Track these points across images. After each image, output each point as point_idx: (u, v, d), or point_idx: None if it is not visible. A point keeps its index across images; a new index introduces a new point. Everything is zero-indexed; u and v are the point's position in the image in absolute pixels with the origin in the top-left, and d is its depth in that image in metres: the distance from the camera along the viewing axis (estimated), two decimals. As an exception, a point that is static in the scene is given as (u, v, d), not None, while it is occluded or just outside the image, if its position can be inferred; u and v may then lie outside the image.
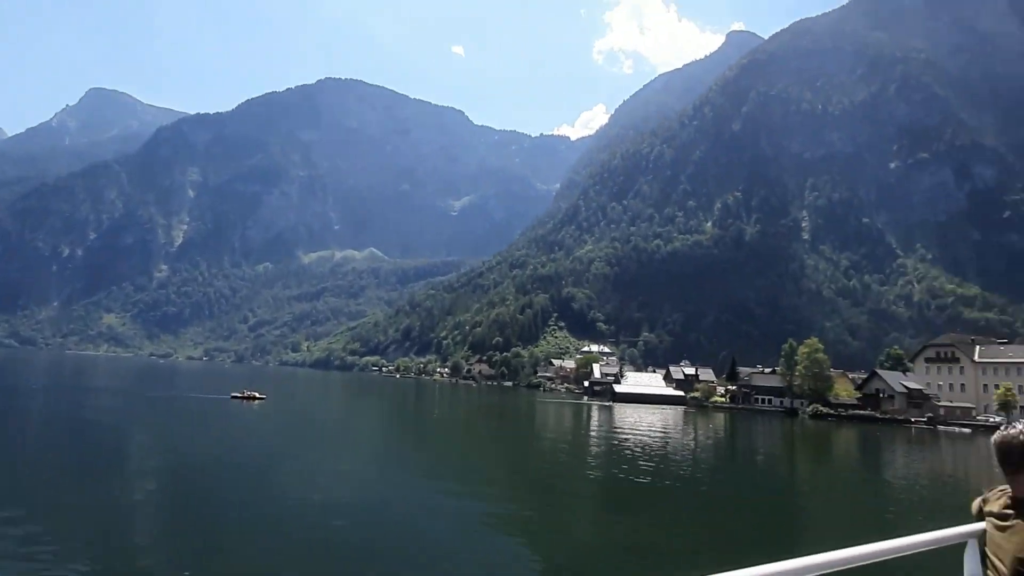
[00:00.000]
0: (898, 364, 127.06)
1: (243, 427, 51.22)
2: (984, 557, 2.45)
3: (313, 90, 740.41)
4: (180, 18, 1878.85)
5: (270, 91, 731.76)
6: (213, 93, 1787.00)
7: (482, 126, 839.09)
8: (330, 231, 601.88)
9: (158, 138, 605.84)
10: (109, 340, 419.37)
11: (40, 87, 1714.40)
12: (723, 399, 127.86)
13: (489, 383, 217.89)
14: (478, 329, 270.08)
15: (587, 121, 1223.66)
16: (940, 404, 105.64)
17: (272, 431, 51.58)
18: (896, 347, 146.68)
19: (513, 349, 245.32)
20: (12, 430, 41.49)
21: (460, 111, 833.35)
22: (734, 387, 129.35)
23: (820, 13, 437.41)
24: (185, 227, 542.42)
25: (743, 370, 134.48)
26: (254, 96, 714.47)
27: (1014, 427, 2.35)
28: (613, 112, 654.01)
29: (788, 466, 50.82)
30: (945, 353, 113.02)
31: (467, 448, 50.16)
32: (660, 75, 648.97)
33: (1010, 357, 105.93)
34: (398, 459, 39.82)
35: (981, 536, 2.53)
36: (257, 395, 73.36)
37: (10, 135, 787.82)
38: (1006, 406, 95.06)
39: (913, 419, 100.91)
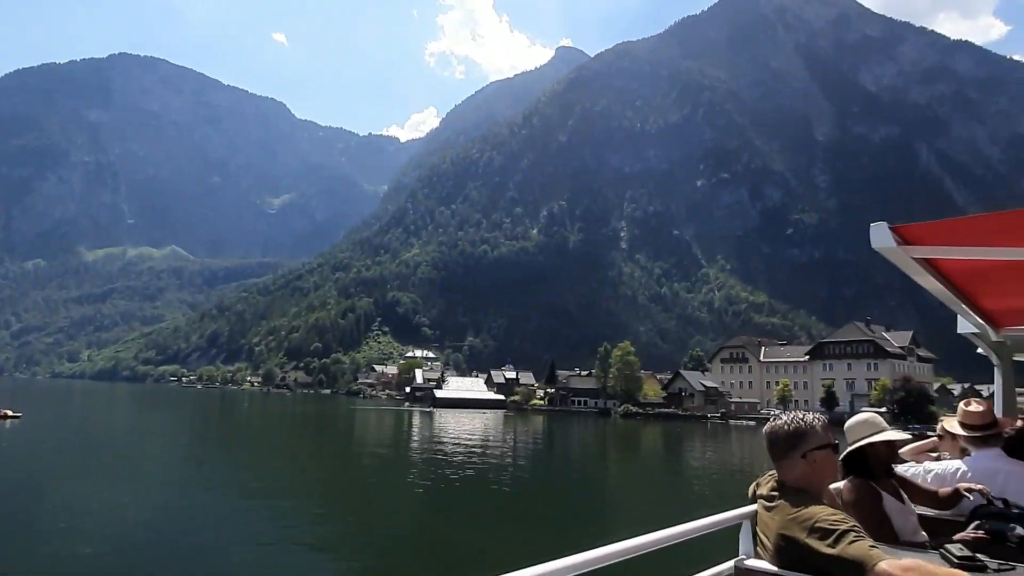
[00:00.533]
0: (699, 365, 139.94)
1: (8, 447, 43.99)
2: (755, 536, 2.70)
3: (103, 65, 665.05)
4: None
5: (49, 62, 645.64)
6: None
7: (306, 120, 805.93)
8: (121, 225, 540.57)
9: None
10: None
11: None
12: (542, 402, 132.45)
13: (305, 391, 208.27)
14: (295, 334, 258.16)
15: (418, 123, 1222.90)
16: (732, 400, 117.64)
17: (30, 455, 44.09)
18: (698, 349, 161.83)
19: (333, 355, 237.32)
20: None
21: (281, 103, 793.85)
22: (552, 390, 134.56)
23: (640, 38, 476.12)
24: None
25: (562, 373, 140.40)
26: (27, 66, 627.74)
27: (779, 418, 2.62)
28: (444, 116, 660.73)
29: (599, 462, 53.27)
30: (736, 354, 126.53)
31: (267, 461, 46.59)
32: (492, 82, 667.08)
33: (787, 357, 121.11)
34: (187, 480, 35.80)
35: (753, 517, 2.78)
36: (10, 413, 62.66)
37: None
38: (784, 400, 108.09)
39: (709, 415, 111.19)
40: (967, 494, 3.40)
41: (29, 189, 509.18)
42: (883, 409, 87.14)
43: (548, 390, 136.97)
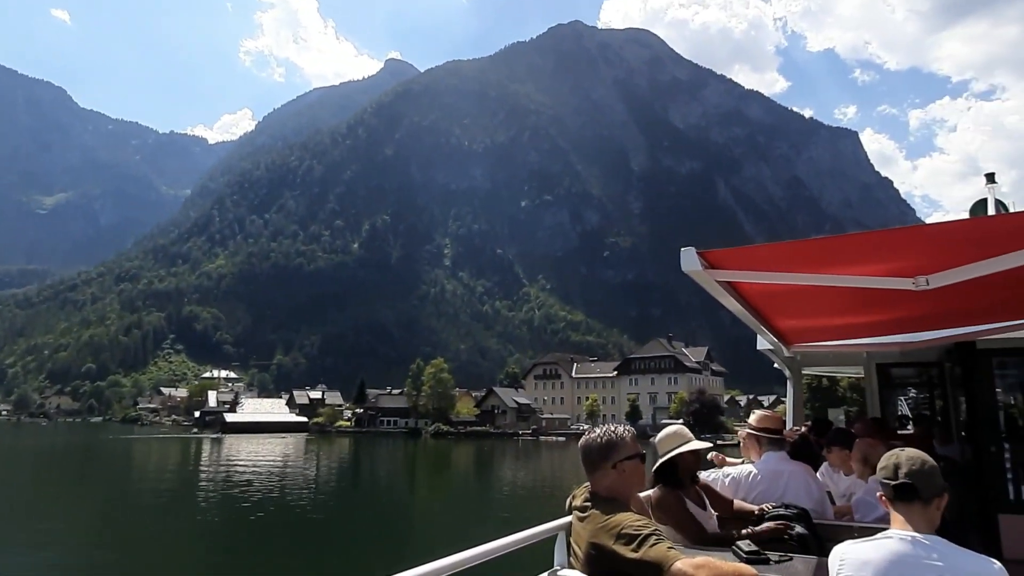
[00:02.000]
0: (515, 382, 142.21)
1: None
2: (569, 546, 2.81)
3: None
4: None
5: None
6: None
7: (92, 111, 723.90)
8: None
9: None
10: None
11: None
12: (348, 423, 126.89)
13: (70, 419, 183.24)
14: (62, 353, 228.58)
15: (229, 125, 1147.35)
16: (544, 416, 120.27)
17: None
18: (515, 366, 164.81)
19: (110, 377, 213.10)
20: None
21: (61, 88, 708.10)
22: (361, 410, 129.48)
23: (470, 58, 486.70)
24: None
25: (372, 392, 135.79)
26: None
27: (593, 431, 2.75)
28: (261, 119, 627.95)
29: (405, 486, 50.72)
30: (549, 370, 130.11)
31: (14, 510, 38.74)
32: (315, 89, 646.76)
33: (597, 373, 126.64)
34: None
35: (568, 528, 2.87)
36: None
37: None
38: (592, 415, 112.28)
39: (520, 432, 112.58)
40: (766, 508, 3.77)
41: None
42: (680, 420, 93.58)
43: (356, 410, 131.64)
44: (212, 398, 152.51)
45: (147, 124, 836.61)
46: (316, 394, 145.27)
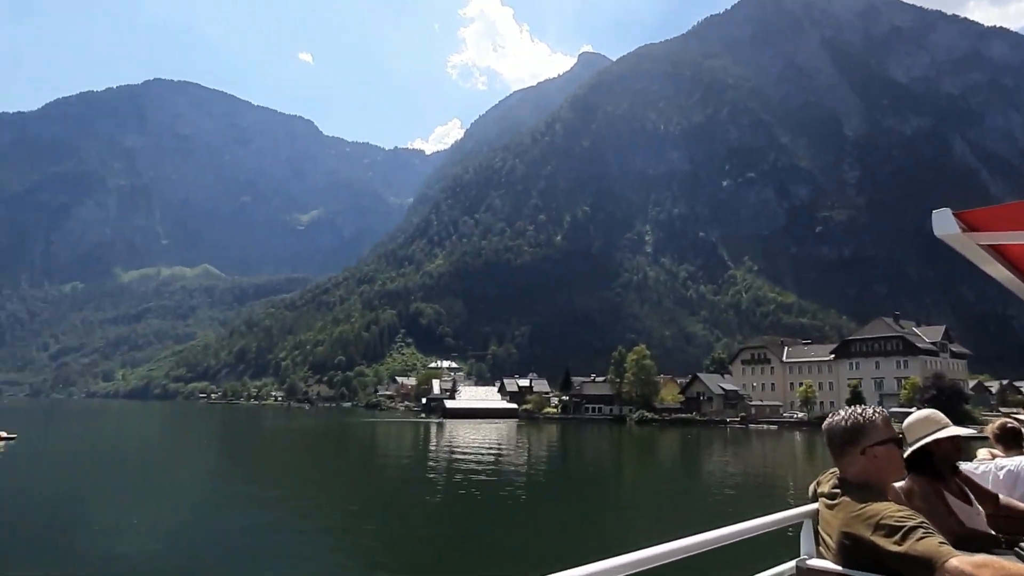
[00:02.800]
0: (721, 367, 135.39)
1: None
2: (817, 535, 2.64)
3: (138, 91, 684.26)
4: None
5: (86, 90, 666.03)
6: (15, 89, 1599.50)
7: (333, 137, 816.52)
8: (156, 246, 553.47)
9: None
10: None
11: None
12: (555, 410, 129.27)
13: (327, 405, 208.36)
14: (320, 348, 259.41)
15: (442, 136, 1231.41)
16: (752, 403, 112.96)
17: (17, 477, 42.92)
18: (720, 352, 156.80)
19: (356, 368, 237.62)
20: None
21: (309, 121, 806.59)
22: (566, 397, 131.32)
23: (661, 40, 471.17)
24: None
25: (577, 379, 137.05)
26: (67, 95, 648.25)
27: (837, 414, 2.55)
28: (468, 127, 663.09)
29: (613, 470, 50.70)
30: (758, 355, 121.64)
31: (281, 477, 45.54)
32: (514, 92, 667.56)
33: (811, 356, 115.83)
34: (200, 497, 34.76)
35: (814, 516, 2.69)
36: (4, 434, 61.65)
37: None
38: (807, 402, 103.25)
39: (728, 419, 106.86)
40: None
41: (68, 214, 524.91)
42: (913, 408, 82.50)
43: (562, 397, 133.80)
44: (436, 386, 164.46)
45: (376, 143, 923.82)
46: (524, 382, 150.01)
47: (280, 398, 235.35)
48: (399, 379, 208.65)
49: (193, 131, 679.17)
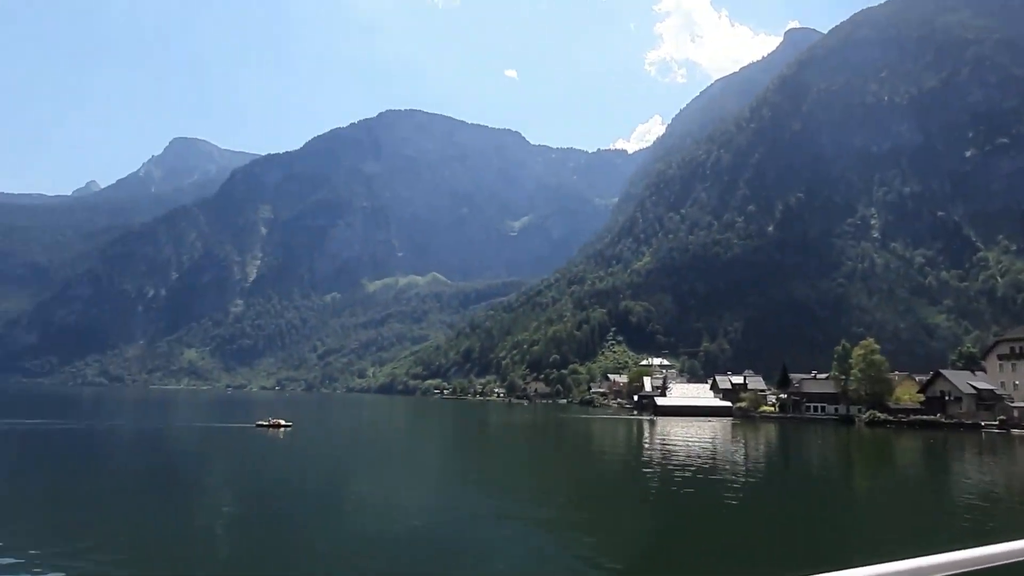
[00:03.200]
0: (971, 363, 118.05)
1: (262, 455, 50.83)
2: None
3: (374, 123, 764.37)
4: (250, 66, 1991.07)
5: (334, 127, 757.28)
6: (283, 134, 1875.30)
7: (539, 145, 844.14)
8: (393, 258, 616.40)
9: (233, 180, 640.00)
10: (190, 374, 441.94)
11: (129, 139, 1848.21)
12: (772, 408, 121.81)
13: (544, 401, 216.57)
14: (536, 347, 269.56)
15: (643, 133, 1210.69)
16: (1015, 405, 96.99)
17: (291, 458, 50.15)
18: (970, 345, 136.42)
19: (570, 366, 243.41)
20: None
21: (517, 132, 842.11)
22: (784, 395, 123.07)
23: (881, 2, 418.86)
24: (258, 263, 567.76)
25: (795, 376, 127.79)
26: (320, 133, 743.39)
27: None
28: (669, 122, 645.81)
29: (844, 474, 47.47)
30: (1018, 348, 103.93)
31: (502, 465, 48.74)
32: (716, 81, 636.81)
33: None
34: (427, 480, 39.52)
35: None
36: (283, 423, 70.91)
37: (103, 186, 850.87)
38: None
39: (984, 423, 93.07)
40: None
41: (325, 235, 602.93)
42: None
43: (779, 395, 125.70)
44: (647, 384, 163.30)
45: (579, 147, 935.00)
46: (738, 379, 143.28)
47: (502, 394, 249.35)
48: (611, 376, 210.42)
49: (418, 153, 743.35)
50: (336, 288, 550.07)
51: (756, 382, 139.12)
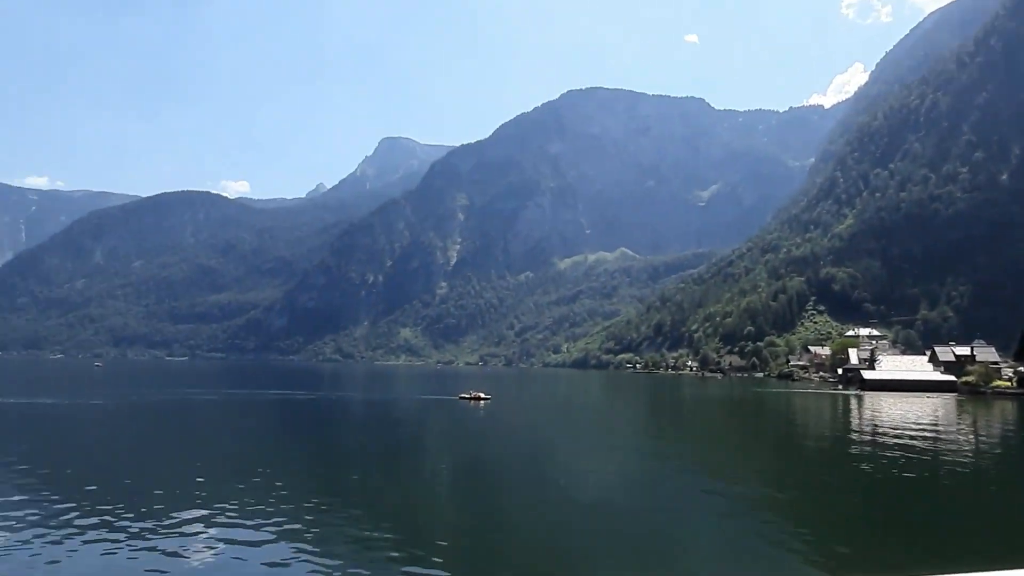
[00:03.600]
0: None
1: (464, 425, 53.81)
2: None
3: (557, 104, 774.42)
4: (442, 65, 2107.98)
5: (520, 113, 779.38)
6: (474, 124, 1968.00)
7: (725, 110, 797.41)
8: (582, 236, 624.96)
9: (433, 171, 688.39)
10: (407, 351, 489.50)
11: (347, 144, 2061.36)
12: (1008, 383, 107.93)
13: (739, 374, 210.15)
14: (728, 319, 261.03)
15: (842, 85, 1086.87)
16: None
17: (493, 429, 51.86)
18: None
19: (767, 338, 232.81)
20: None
21: (700, 99, 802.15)
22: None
23: None
24: (458, 247, 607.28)
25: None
26: (507, 120, 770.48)
27: None
28: (872, 69, 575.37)
29: None
30: None
31: (707, 442, 47.58)
32: (929, 15, 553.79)
33: None
34: (628, 454, 39.00)
35: None
36: (482, 396, 73.23)
37: (328, 187, 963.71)
38: None
39: None
40: None
41: (517, 216, 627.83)
42: None
43: (1018, 368, 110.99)
44: (853, 356, 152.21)
45: (769, 108, 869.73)
46: (964, 350, 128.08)
47: (694, 368, 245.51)
48: (812, 349, 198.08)
49: (601, 130, 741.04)
50: (529, 267, 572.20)
51: (987, 353, 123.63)
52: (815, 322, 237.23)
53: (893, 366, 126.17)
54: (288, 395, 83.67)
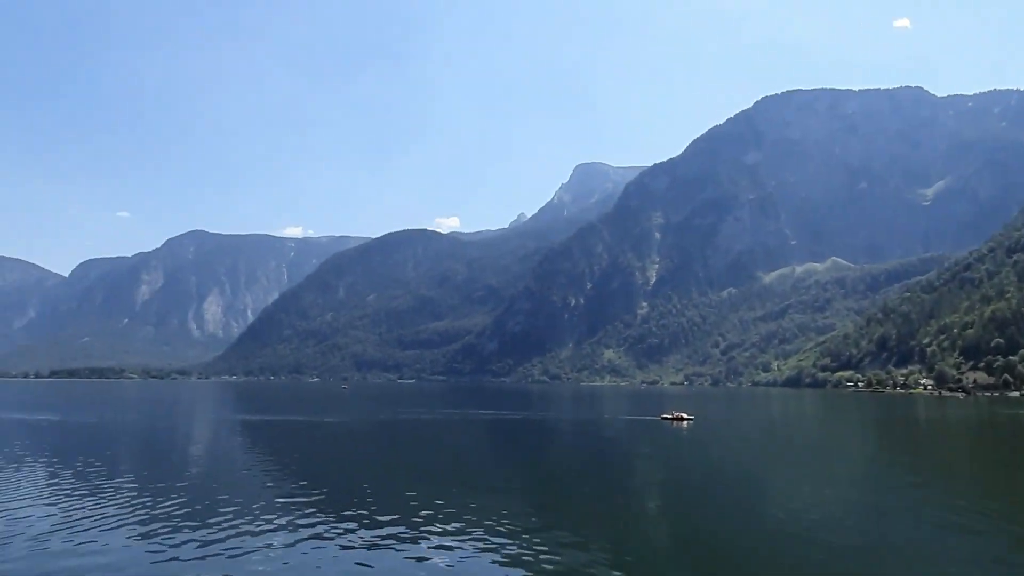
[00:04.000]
0: None
1: (667, 446, 52.32)
2: None
3: (751, 113, 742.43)
4: (629, 86, 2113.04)
5: (712, 126, 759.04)
6: (666, 142, 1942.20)
7: (949, 96, 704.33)
8: (786, 247, 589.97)
9: (627, 193, 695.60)
10: (610, 372, 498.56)
11: (544, 173, 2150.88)
12: None
13: (987, 394, 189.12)
14: (969, 331, 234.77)
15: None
16: None
17: (697, 451, 50.32)
18: None
19: (1021, 352, 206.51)
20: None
21: (917, 87, 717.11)
22: None
23: None
24: (656, 266, 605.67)
25: None
26: (699, 135, 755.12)
27: None
28: None
29: None
30: None
31: (951, 475, 40.54)
32: None
33: None
34: (857, 483, 34.86)
35: None
36: (685, 416, 72.90)
37: (529, 216, 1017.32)
38: None
39: None
40: None
41: (715, 232, 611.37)
42: None
43: None
44: None
45: (1007, 87, 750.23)
46: None
47: (929, 386, 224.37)
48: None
49: (801, 133, 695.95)
50: (731, 283, 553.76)
51: None
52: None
53: None
54: (500, 415, 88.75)
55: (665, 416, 74.03)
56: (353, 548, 17.73)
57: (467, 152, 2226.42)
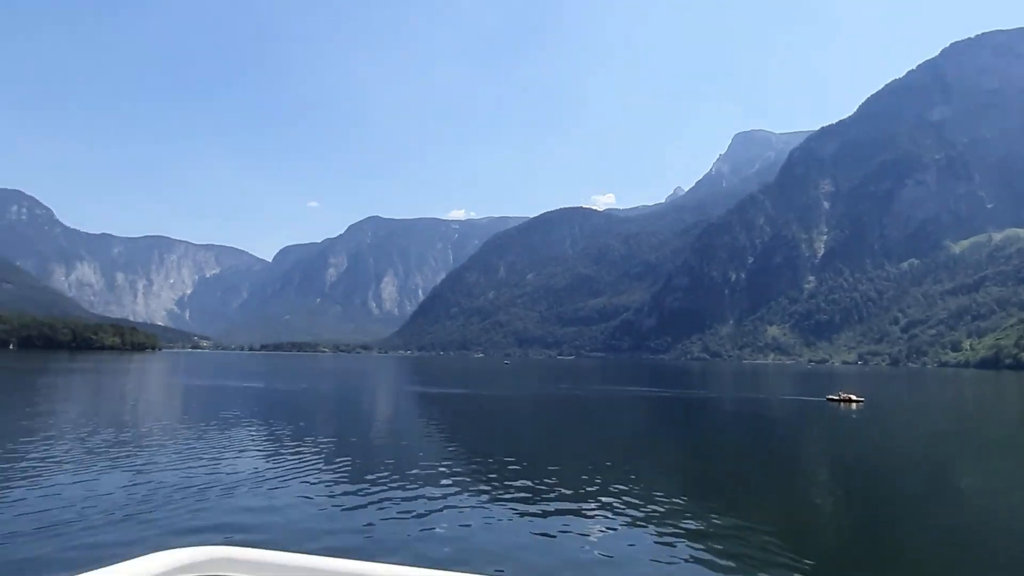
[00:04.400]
0: None
1: (833, 431, 48.22)
2: None
3: (938, 62, 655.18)
4: (791, 44, 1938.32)
5: (891, 80, 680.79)
6: (835, 103, 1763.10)
7: None
8: (982, 212, 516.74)
9: (791, 160, 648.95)
10: (775, 350, 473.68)
11: (702, 144, 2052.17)
12: None
13: None
14: None
15: None
16: None
17: (869, 437, 45.60)
18: None
19: None
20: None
21: None
22: None
23: None
24: (825, 237, 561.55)
25: None
26: (874, 91, 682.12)
27: None
28: None
29: None
30: None
31: None
32: None
33: None
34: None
35: None
36: (854, 398, 67.80)
37: (686, 190, 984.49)
38: None
39: None
40: None
41: (893, 198, 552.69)
42: None
43: None
44: None
45: None
46: None
47: None
48: None
49: (1001, 82, 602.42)
50: (913, 254, 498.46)
51: None
52: None
53: None
54: (660, 392, 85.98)
55: (831, 397, 68.51)
56: (523, 515, 17.79)
57: (621, 129, 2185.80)
